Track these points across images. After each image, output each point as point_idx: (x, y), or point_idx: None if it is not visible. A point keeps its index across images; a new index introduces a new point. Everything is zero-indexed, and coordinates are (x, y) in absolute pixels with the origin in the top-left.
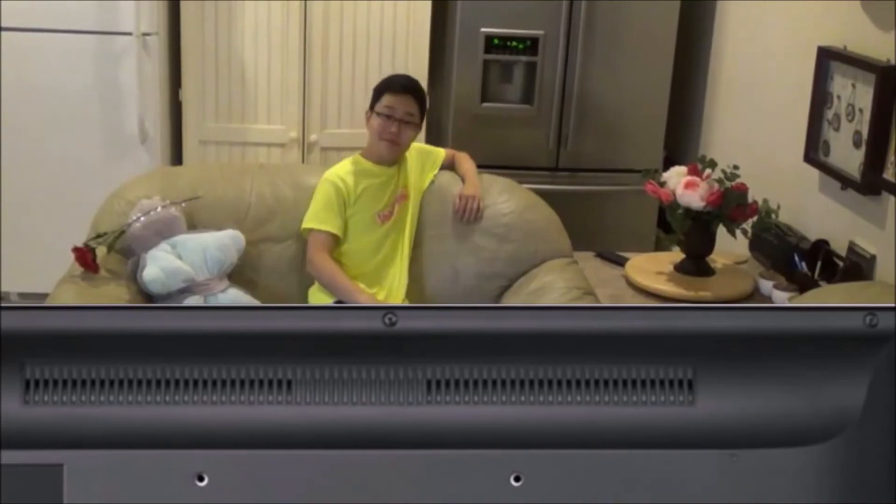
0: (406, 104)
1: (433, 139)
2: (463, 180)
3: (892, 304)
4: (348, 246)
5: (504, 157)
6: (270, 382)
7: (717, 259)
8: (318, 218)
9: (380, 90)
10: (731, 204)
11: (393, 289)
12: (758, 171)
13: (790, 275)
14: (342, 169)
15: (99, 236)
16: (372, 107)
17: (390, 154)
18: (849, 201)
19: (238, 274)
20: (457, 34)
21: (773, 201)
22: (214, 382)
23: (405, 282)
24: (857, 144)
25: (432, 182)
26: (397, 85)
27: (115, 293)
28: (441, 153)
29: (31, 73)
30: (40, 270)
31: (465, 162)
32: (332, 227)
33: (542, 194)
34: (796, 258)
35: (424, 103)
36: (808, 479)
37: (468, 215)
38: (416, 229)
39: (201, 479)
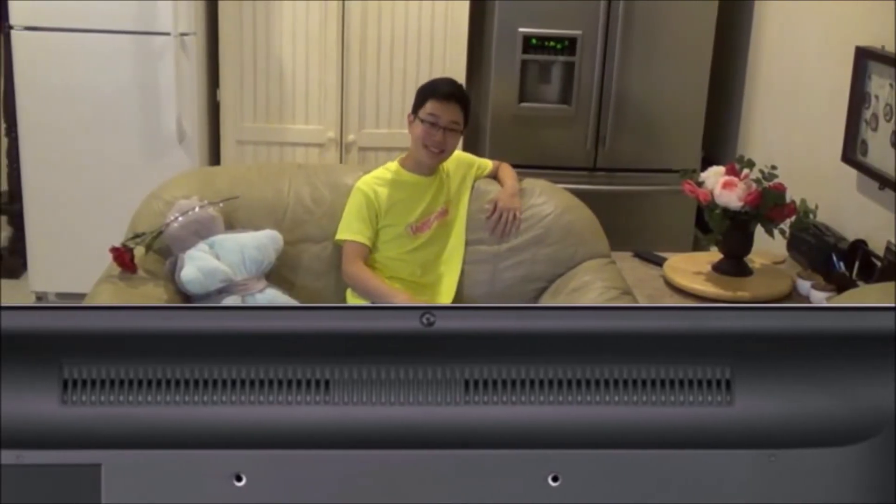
0: (451, 112)
1: (470, 139)
2: (502, 187)
3: None
4: (381, 255)
5: (542, 158)
6: (308, 382)
7: (755, 259)
8: (349, 228)
9: (423, 95)
10: (769, 204)
11: (434, 301)
12: (796, 171)
13: (828, 275)
14: (375, 178)
15: (137, 236)
16: (415, 111)
17: (433, 162)
18: (887, 201)
19: (276, 274)
20: (495, 34)
21: (811, 201)
22: (252, 382)
23: (450, 297)
24: (894, 144)
25: (472, 188)
26: (442, 91)
27: (153, 293)
28: (488, 166)
29: (70, 74)
30: (78, 270)
31: (508, 171)
32: (363, 237)
33: (580, 194)
34: (834, 258)
35: (469, 109)
36: (846, 478)
37: (504, 228)
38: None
39: (239, 478)
